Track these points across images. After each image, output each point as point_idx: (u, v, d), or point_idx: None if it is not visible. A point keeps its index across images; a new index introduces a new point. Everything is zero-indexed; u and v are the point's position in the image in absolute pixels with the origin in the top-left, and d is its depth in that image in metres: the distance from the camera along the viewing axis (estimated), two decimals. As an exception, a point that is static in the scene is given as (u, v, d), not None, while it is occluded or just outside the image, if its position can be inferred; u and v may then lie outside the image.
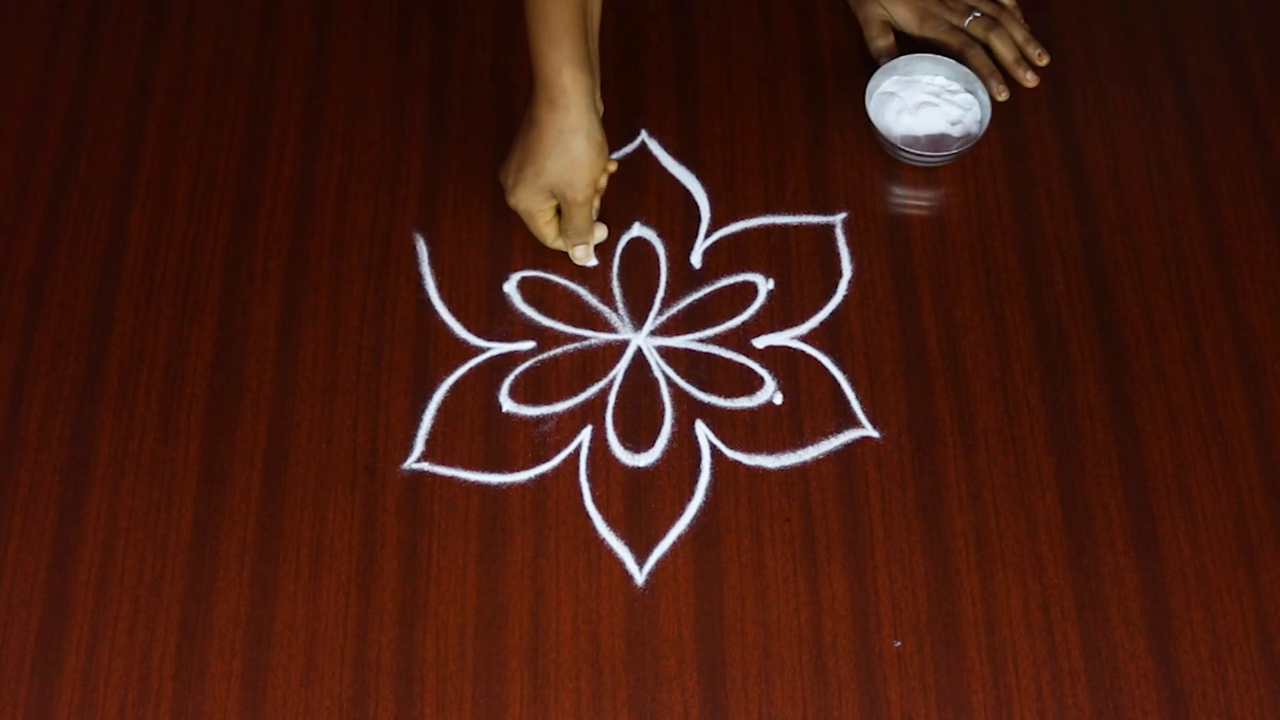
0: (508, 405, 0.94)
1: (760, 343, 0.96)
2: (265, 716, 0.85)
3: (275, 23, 1.10)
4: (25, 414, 0.94)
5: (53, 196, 1.03)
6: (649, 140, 1.04)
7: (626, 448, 0.93)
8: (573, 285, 0.99)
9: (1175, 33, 1.08)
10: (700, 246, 1.00)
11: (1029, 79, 1.05)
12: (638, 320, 0.97)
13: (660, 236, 1.00)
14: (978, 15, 1.06)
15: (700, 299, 0.98)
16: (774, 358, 0.96)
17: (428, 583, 0.88)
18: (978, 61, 1.04)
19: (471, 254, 1.00)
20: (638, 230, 1.01)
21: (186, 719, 0.85)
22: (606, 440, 0.93)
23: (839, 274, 0.98)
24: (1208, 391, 0.94)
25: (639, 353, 0.96)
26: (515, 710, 0.85)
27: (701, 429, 0.93)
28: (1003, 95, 1.04)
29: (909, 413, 0.93)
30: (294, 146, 1.04)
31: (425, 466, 0.92)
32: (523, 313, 0.98)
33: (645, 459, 0.92)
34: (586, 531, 0.90)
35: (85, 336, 0.97)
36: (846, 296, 0.98)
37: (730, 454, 0.92)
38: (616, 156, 1.03)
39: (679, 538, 0.90)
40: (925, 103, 1.03)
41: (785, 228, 1.00)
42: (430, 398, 0.94)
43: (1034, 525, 0.89)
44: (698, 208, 1.01)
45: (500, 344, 0.96)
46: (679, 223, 1.01)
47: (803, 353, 0.96)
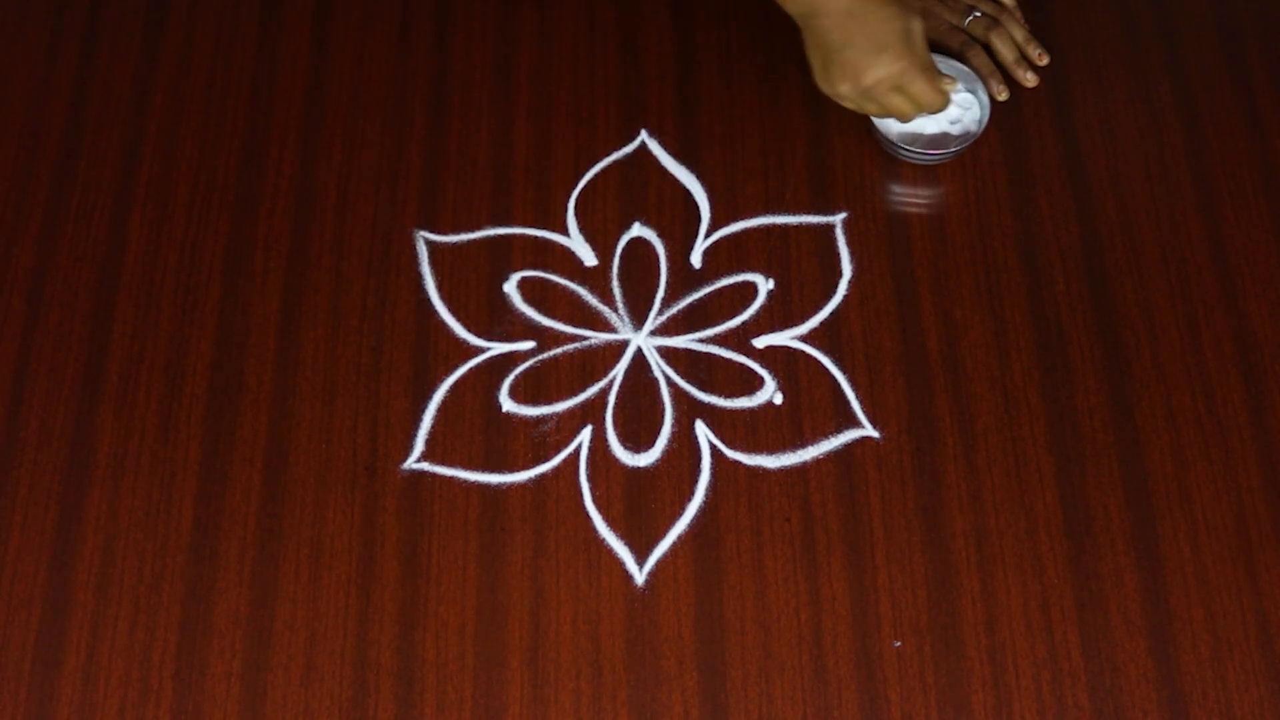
0: (508, 405, 0.94)
1: (760, 343, 0.96)
2: (265, 716, 0.85)
3: (275, 23, 1.10)
4: (25, 414, 0.94)
5: (53, 196, 1.03)
6: (649, 140, 1.04)
7: (626, 448, 0.93)
8: (573, 285, 0.99)
9: (1175, 33, 1.08)
10: (700, 246, 1.00)
11: (1029, 79, 1.05)
12: (638, 320, 0.97)
13: (660, 236, 1.00)
14: (978, 15, 1.06)
15: (700, 299, 0.98)
16: (774, 358, 0.96)
17: (428, 583, 0.88)
18: (978, 61, 1.04)
19: (471, 254, 1.00)
20: (638, 230, 1.01)
21: (186, 719, 0.85)
22: (606, 440, 0.93)
23: (839, 274, 0.98)
24: (1208, 391, 0.94)
25: (639, 353, 0.96)
26: (515, 710, 0.85)
27: (701, 429, 0.93)
28: (1003, 95, 1.04)
29: (909, 413, 0.93)
30: (294, 146, 1.04)
31: (425, 466, 0.92)
32: (523, 313, 0.98)
33: (645, 459, 0.92)
34: (586, 531, 0.90)
35: (85, 336, 0.97)
36: (846, 296, 0.98)
37: (730, 454, 0.92)
38: (616, 157, 1.03)
39: (679, 538, 0.90)
40: (925, 102, 1.03)
41: (785, 228, 1.00)
42: (430, 398, 0.94)
43: (1034, 525, 0.89)
44: (698, 208, 1.01)
45: (500, 344, 0.96)
46: (679, 223, 1.01)
47: (803, 353, 0.96)
